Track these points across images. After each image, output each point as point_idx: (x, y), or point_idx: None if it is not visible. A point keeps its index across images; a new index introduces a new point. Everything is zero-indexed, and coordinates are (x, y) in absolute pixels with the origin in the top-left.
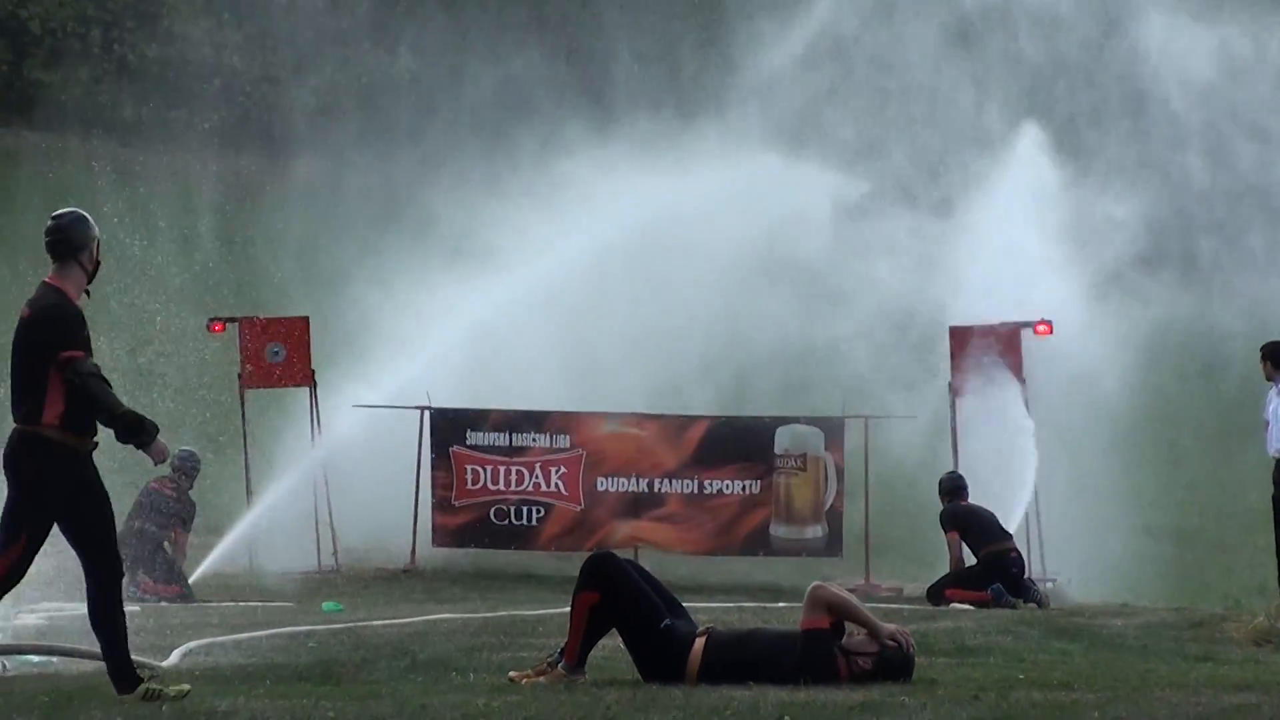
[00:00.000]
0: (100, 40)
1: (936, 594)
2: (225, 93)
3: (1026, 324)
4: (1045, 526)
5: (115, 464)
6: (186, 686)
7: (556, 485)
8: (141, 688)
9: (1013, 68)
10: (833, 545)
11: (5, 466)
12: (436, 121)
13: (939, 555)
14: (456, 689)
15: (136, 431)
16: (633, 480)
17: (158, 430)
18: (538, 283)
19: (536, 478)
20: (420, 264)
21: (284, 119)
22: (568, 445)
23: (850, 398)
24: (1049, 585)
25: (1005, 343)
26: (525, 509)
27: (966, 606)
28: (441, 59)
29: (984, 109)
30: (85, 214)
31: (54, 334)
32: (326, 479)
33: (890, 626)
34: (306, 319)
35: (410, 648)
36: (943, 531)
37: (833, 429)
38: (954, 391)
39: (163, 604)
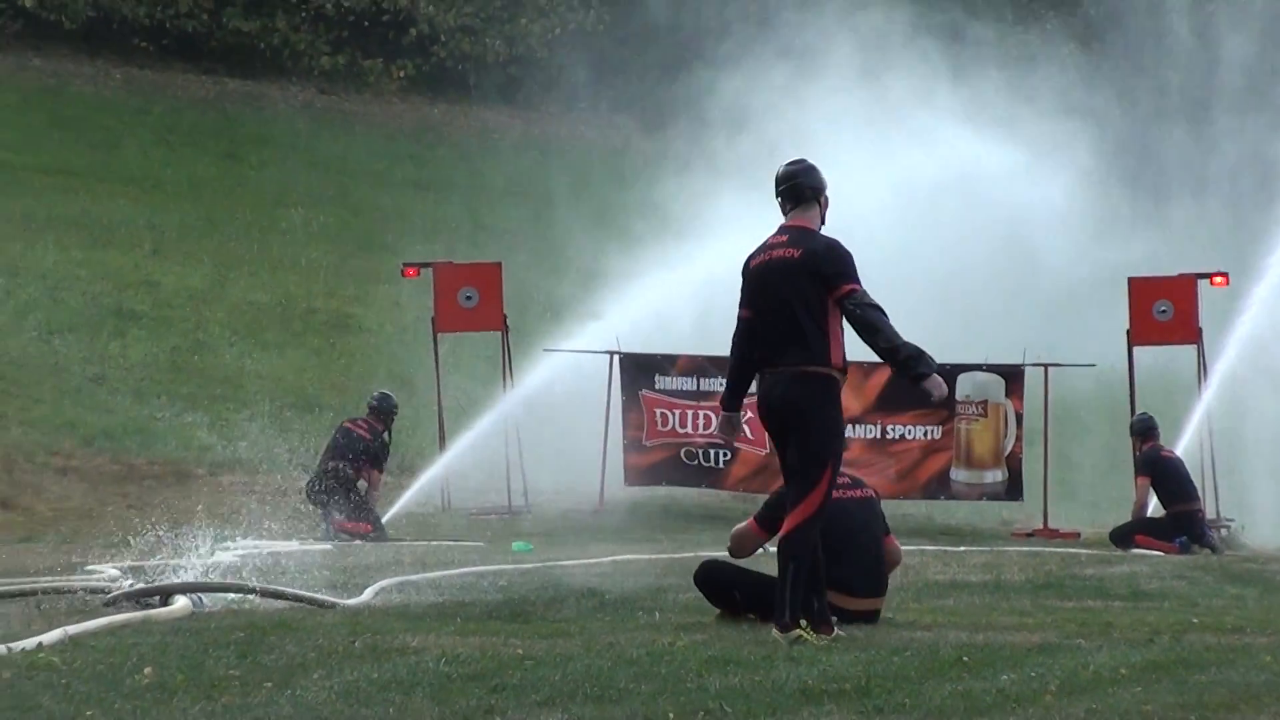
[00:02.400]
0: None
1: (1124, 538)
2: (419, 43)
3: (1203, 275)
4: (1220, 473)
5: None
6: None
7: (743, 429)
8: (794, 633)
9: None
10: (1012, 490)
11: (792, 410)
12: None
13: (1116, 501)
14: (643, 628)
15: (915, 363)
16: None
17: (935, 365)
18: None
19: (716, 424)
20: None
21: (477, 68)
22: (752, 390)
23: (1031, 346)
24: (1224, 531)
25: (1181, 293)
26: (713, 451)
27: (1154, 553)
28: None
29: None
30: (813, 163)
31: (836, 268)
32: (518, 422)
33: None
34: (499, 264)
35: (598, 587)
36: (1135, 474)
37: (1013, 376)
38: (1131, 340)
39: (355, 542)
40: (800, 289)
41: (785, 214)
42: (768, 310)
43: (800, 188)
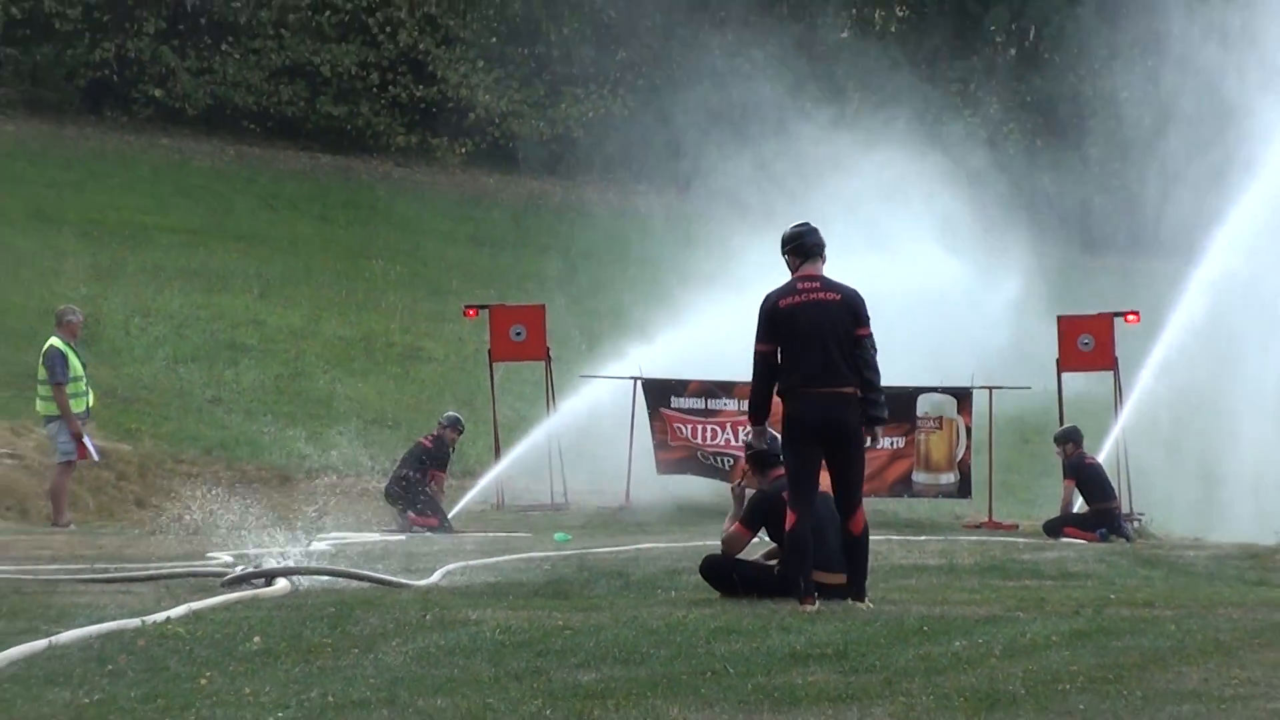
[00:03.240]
0: (378, 81)
1: (1054, 529)
2: (477, 125)
3: (1118, 313)
4: (1134, 474)
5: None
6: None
7: (743, 440)
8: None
9: None
10: (963, 489)
11: (836, 424)
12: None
13: (1048, 499)
14: (661, 603)
15: (882, 410)
16: None
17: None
18: None
19: (727, 434)
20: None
21: (524, 145)
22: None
23: (978, 371)
24: (1136, 524)
25: (1100, 328)
26: (719, 458)
27: (1079, 541)
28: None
29: None
30: (815, 225)
31: (864, 312)
32: (558, 435)
33: None
34: (543, 306)
35: (624, 570)
36: (1063, 477)
37: (963, 397)
38: (1060, 367)
39: (426, 533)
40: (836, 326)
41: (793, 267)
42: (800, 343)
43: (807, 245)
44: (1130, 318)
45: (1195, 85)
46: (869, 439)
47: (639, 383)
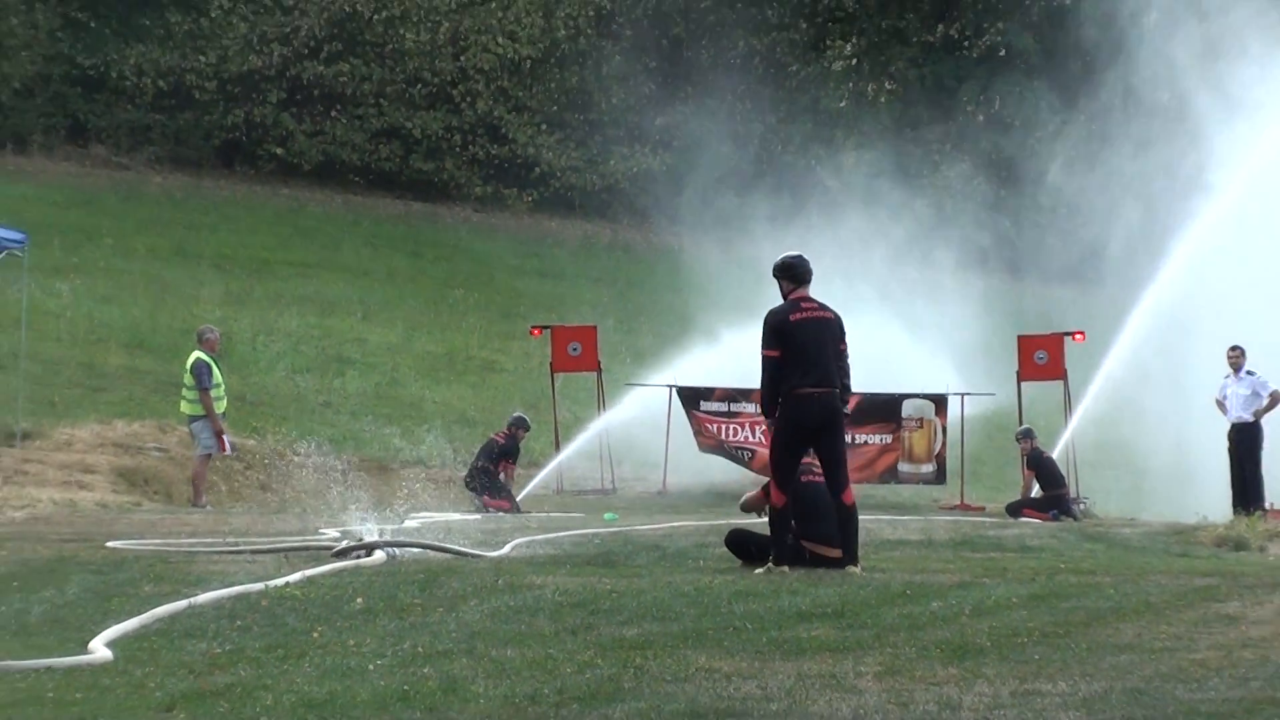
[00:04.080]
0: (460, 142)
1: (1015, 510)
2: (541, 177)
3: (1068, 333)
4: (1080, 465)
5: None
6: None
7: (760, 437)
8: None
9: None
10: (939, 477)
11: (830, 418)
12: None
13: (1010, 485)
14: (691, 571)
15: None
16: None
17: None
18: None
19: (747, 432)
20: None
21: (580, 194)
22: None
23: (952, 380)
24: (1082, 506)
25: (1053, 345)
26: (741, 451)
27: (1035, 521)
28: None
29: None
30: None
31: (844, 330)
32: (608, 431)
33: None
34: (595, 327)
35: (661, 544)
36: (1022, 467)
37: (940, 401)
38: (1020, 377)
39: (499, 514)
40: (832, 339)
41: (785, 291)
42: (804, 352)
43: (800, 271)
44: (1077, 336)
45: (1128, 147)
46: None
47: (674, 390)
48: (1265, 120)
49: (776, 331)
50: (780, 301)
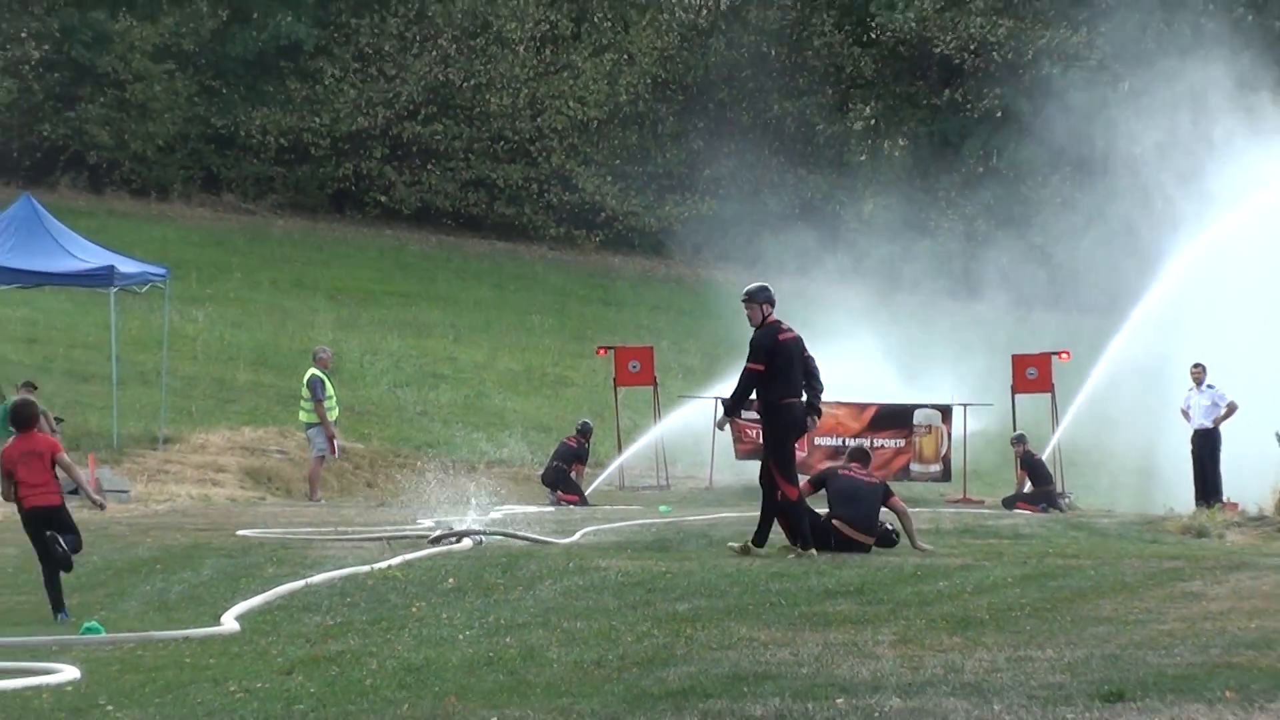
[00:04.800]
0: (537, 191)
1: (1010, 504)
2: (605, 220)
3: (1055, 352)
4: (1066, 465)
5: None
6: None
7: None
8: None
9: None
10: (945, 475)
11: (804, 422)
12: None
13: (1006, 483)
14: (733, 555)
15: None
16: (833, 439)
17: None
18: None
19: None
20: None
21: (639, 235)
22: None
23: (956, 393)
24: (1067, 500)
25: (1041, 363)
26: None
27: (1026, 513)
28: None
29: None
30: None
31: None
32: (662, 436)
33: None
34: (652, 347)
35: (708, 532)
36: (1017, 466)
37: (946, 411)
38: (1014, 390)
39: (570, 507)
40: (801, 355)
41: (764, 313)
42: (787, 368)
43: (771, 296)
44: (1063, 356)
45: (1107, 194)
46: (813, 424)
47: (719, 401)
48: (1229, 175)
49: (767, 350)
50: (748, 320)
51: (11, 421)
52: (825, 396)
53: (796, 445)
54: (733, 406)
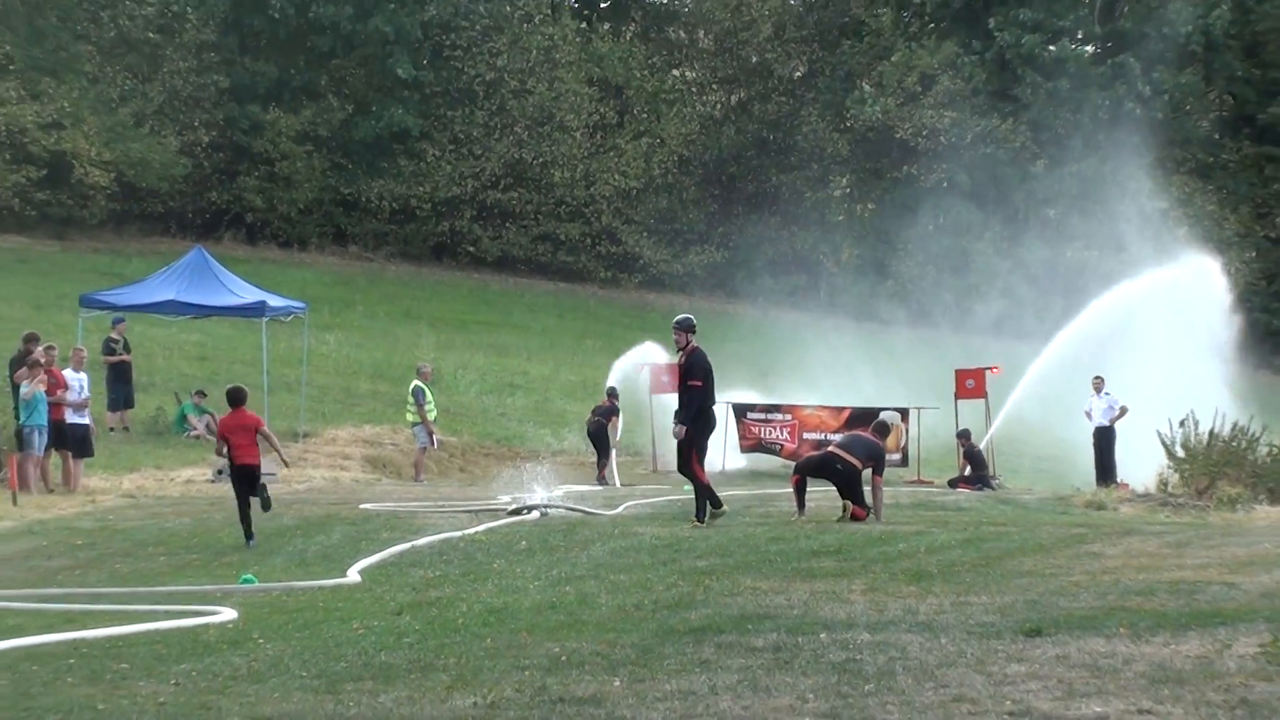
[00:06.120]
0: (590, 243)
1: (953, 484)
2: (642, 266)
3: (987, 366)
4: (997, 455)
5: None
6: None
7: (786, 436)
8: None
9: None
10: (904, 462)
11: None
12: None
13: (950, 468)
14: (740, 524)
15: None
16: (817, 434)
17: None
18: None
19: (778, 432)
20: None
21: (667, 278)
22: (790, 419)
23: (912, 398)
24: (997, 481)
25: (978, 375)
26: (773, 445)
27: (966, 491)
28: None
29: None
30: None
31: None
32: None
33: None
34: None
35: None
36: (959, 456)
37: (905, 413)
38: (956, 397)
39: (611, 486)
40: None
41: (689, 340)
42: (712, 384)
43: (693, 325)
44: (994, 369)
45: (1032, 244)
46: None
47: (730, 405)
48: (1123, 231)
49: (705, 370)
50: (674, 345)
51: (228, 400)
52: (811, 399)
53: (788, 438)
54: (686, 417)
